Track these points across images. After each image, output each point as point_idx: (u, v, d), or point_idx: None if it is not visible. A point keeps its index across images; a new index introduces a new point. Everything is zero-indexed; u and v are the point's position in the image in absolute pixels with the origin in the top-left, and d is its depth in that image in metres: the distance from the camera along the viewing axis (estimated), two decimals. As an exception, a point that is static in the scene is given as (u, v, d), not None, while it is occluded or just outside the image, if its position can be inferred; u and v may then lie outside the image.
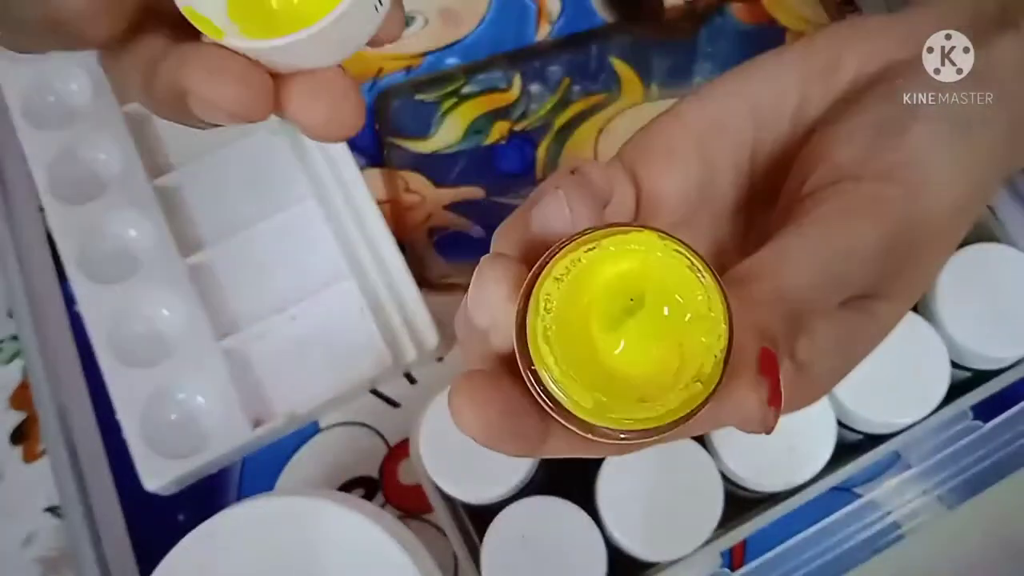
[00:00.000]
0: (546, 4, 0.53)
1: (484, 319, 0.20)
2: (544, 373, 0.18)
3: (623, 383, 0.18)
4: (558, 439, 0.20)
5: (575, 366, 0.18)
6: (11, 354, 0.49)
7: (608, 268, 0.19)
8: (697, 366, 0.18)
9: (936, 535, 0.42)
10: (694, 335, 0.18)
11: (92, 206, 0.47)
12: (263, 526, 0.37)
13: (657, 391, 0.18)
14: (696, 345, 0.18)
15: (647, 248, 0.19)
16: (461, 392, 0.19)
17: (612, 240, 0.19)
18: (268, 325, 0.44)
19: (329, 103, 0.25)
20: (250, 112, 0.23)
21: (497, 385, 0.19)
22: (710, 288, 0.18)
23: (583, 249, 0.19)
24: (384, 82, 0.51)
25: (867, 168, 0.23)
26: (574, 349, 0.18)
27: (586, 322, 0.19)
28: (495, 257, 0.20)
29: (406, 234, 0.47)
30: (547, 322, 0.18)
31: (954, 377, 0.38)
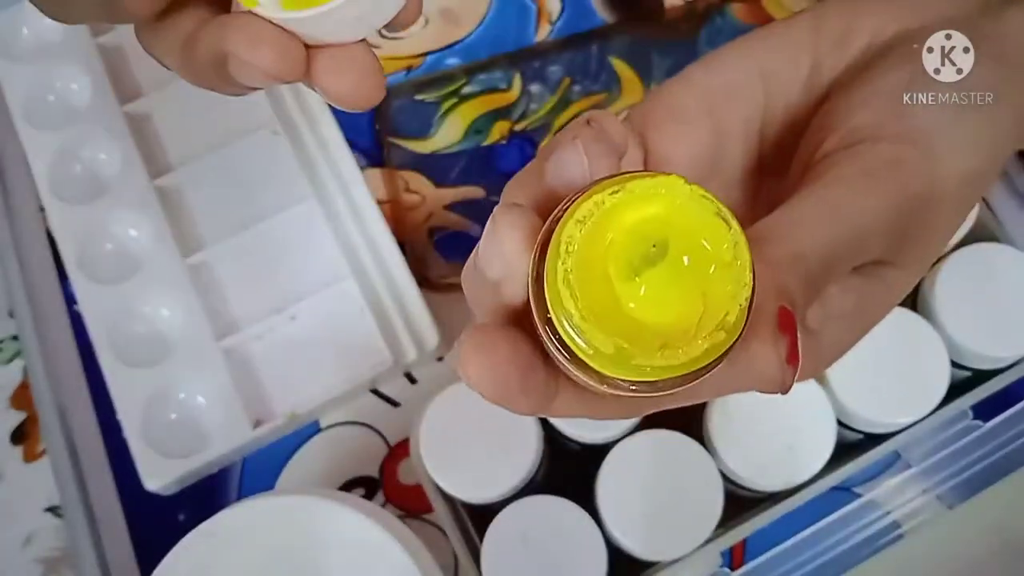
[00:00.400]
0: (546, 4, 0.53)
1: (497, 269, 0.20)
2: (562, 319, 0.18)
3: (644, 330, 0.18)
4: (567, 396, 0.20)
5: (595, 312, 0.18)
6: (12, 354, 0.49)
7: (632, 212, 0.18)
8: (721, 315, 0.18)
9: (936, 535, 0.42)
10: (719, 283, 0.18)
11: (93, 206, 0.47)
12: (263, 526, 0.37)
13: (679, 339, 0.18)
14: (721, 293, 0.18)
15: (673, 193, 0.18)
16: (470, 343, 0.19)
17: (637, 184, 0.18)
18: (268, 325, 0.44)
19: (353, 75, 0.27)
20: (285, 74, 0.26)
21: (507, 336, 0.19)
22: (736, 236, 0.18)
23: (607, 192, 0.18)
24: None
25: (884, 131, 0.23)
26: (594, 294, 0.18)
27: (608, 267, 0.18)
28: (509, 206, 0.20)
29: (406, 234, 0.47)
30: (568, 265, 0.18)
31: (954, 377, 0.38)
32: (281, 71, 0.26)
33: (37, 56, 0.50)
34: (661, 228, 0.18)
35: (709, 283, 0.18)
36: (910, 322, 0.38)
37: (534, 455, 0.36)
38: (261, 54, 0.25)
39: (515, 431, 0.37)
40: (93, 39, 0.50)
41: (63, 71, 0.50)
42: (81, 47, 0.50)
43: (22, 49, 0.51)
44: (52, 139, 0.48)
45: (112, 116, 0.48)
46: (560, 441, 0.38)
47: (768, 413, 0.37)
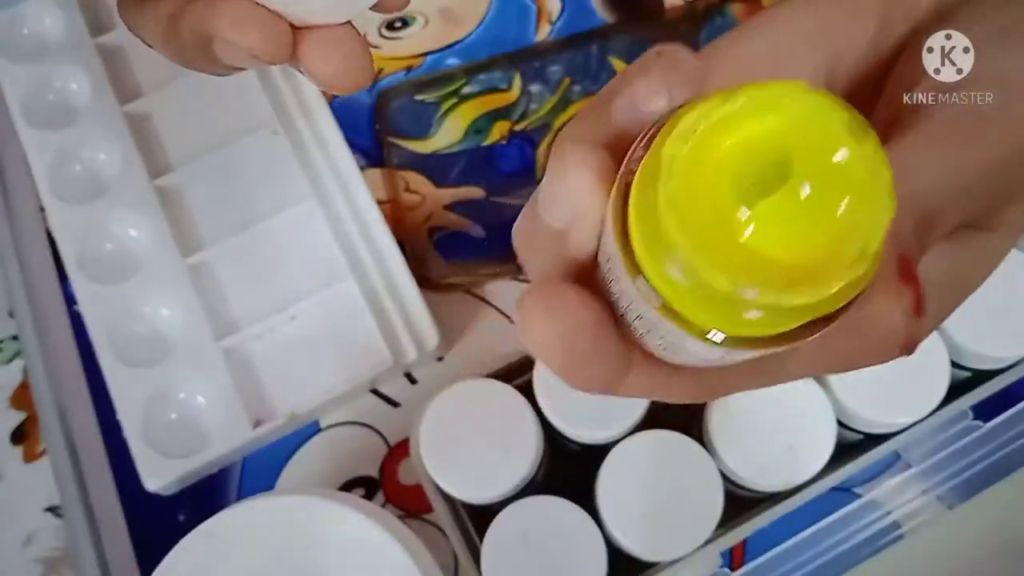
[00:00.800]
0: (546, 4, 0.53)
1: (564, 213, 0.17)
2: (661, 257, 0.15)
3: (765, 267, 0.14)
4: (642, 372, 0.18)
5: (705, 246, 0.14)
6: (12, 354, 0.49)
7: (748, 125, 0.15)
8: (859, 245, 0.14)
9: (936, 535, 0.42)
10: (854, 207, 0.15)
11: (93, 206, 0.47)
12: (263, 526, 0.37)
13: (809, 274, 0.14)
14: (857, 219, 0.15)
15: (796, 102, 0.15)
16: (536, 300, 0.16)
17: (752, 92, 0.15)
18: (268, 325, 0.44)
19: (340, 58, 0.26)
20: (271, 56, 0.25)
21: (579, 295, 0.16)
22: (873, 149, 0.15)
23: (715, 102, 0.15)
24: (384, 82, 0.51)
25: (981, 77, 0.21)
26: (703, 226, 0.14)
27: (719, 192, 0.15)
28: (576, 142, 0.17)
29: (406, 234, 0.47)
30: (671, 188, 0.14)
31: (954, 377, 0.38)
32: (267, 52, 0.26)
33: (37, 56, 0.50)
34: (783, 143, 0.15)
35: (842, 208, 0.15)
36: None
37: (534, 455, 0.36)
38: (247, 35, 0.25)
39: (515, 431, 0.37)
40: (93, 39, 0.50)
41: (63, 71, 0.50)
42: (81, 47, 0.50)
43: (22, 49, 0.51)
44: (52, 139, 0.48)
45: (112, 116, 0.48)
46: (560, 441, 0.38)
47: (768, 413, 0.37)
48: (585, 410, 0.37)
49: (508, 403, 0.37)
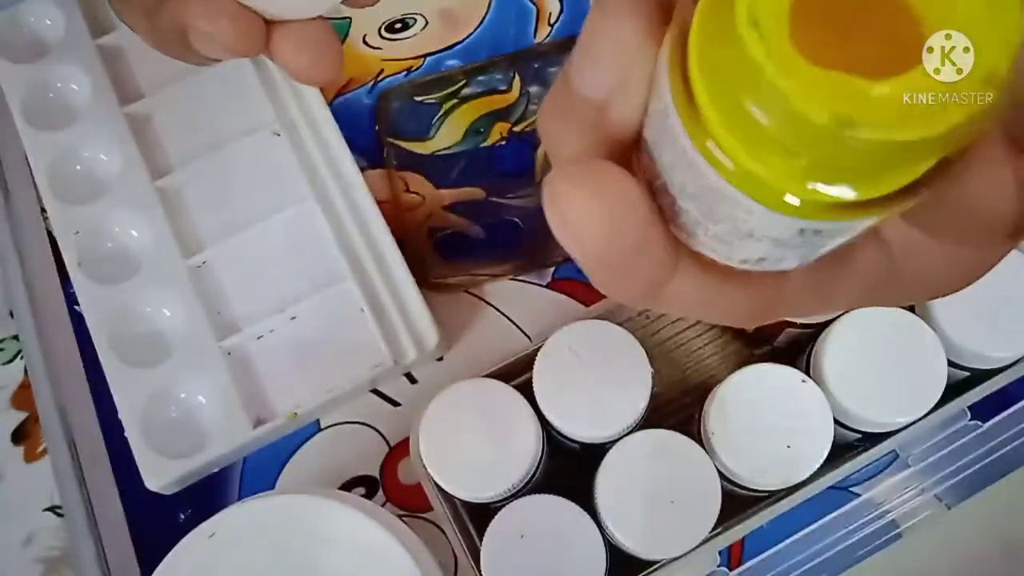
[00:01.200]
0: (546, 5, 0.53)
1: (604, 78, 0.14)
2: (739, 100, 0.12)
3: (873, 93, 0.12)
4: (686, 280, 0.15)
5: (798, 71, 0.11)
6: (12, 354, 0.49)
7: None
8: (988, 61, 0.12)
9: (934, 534, 0.42)
10: (975, 14, 0.12)
11: (93, 206, 0.47)
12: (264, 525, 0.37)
13: (922, 106, 0.12)
14: (981, 28, 0.12)
15: None
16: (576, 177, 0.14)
17: None
18: (269, 325, 0.44)
19: (312, 51, 0.28)
20: (243, 47, 0.27)
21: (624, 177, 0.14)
22: None
23: None
24: (384, 83, 0.52)
25: None
26: (794, 51, 0.12)
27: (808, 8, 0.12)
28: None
29: (406, 234, 0.48)
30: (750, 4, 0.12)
31: (951, 376, 0.38)
32: (239, 44, 0.27)
33: (37, 56, 0.50)
34: None
35: (959, 17, 0.12)
36: (907, 322, 0.38)
37: (533, 454, 0.37)
38: (221, 27, 0.26)
39: (515, 431, 0.37)
40: (93, 40, 0.50)
41: (63, 71, 0.50)
42: (82, 47, 0.50)
43: (22, 49, 0.51)
44: (53, 139, 0.48)
45: (113, 117, 0.48)
46: (559, 440, 0.39)
47: (766, 412, 0.37)
48: (584, 409, 0.37)
49: (507, 402, 0.37)
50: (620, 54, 0.14)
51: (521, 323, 0.46)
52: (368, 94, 0.51)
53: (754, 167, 0.12)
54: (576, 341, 0.38)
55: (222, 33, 0.27)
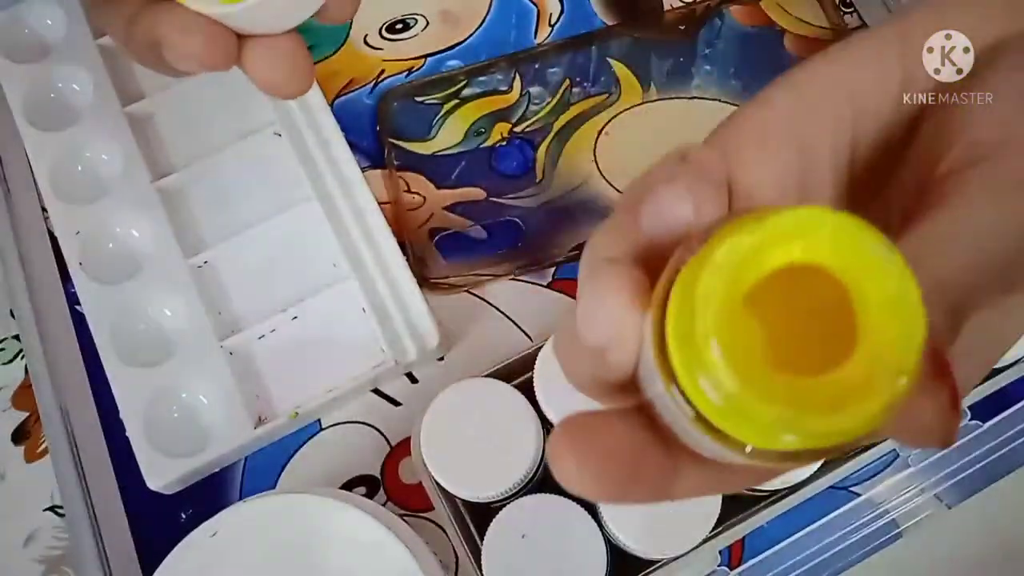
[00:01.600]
0: (546, 6, 0.53)
1: (601, 334, 0.17)
2: (705, 386, 0.15)
3: (809, 389, 0.15)
4: (692, 477, 0.18)
5: (749, 373, 0.15)
6: (13, 354, 0.49)
7: (778, 254, 0.15)
8: (898, 359, 0.15)
9: (934, 534, 0.42)
10: (889, 323, 0.15)
11: (95, 206, 0.47)
12: (265, 524, 0.37)
13: (853, 394, 0.15)
14: (892, 334, 0.15)
15: (821, 227, 0.15)
16: (563, 436, 0.17)
17: (777, 220, 0.15)
18: (270, 325, 0.44)
19: (283, 66, 0.29)
20: (214, 62, 0.28)
21: (608, 423, 0.17)
22: (900, 267, 0.15)
23: (743, 233, 0.15)
24: (385, 84, 0.52)
25: (1012, 143, 0.21)
26: (743, 353, 0.15)
27: (752, 320, 0.15)
28: (607, 260, 0.17)
29: (407, 235, 0.48)
30: (709, 322, 0.15)
31: (952, 376, 0.38)
32: (212, 59, 0.28)
33: (38, 56, 0.50)
34: (814, 269, 0.15)
35: (876, 325, 0.15)
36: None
37: (534, 454, 0.37)
38: (193, 42, 0.27)
39: (515, 430, 0.37)
40: (95, 40, 0.50)
41: (64, 71, 0.50)
42: (83, 47, 0.50)
43: (23, 49, 0.51)
44: (54, 140, 0.48)
45: (114, 117, 0.48)
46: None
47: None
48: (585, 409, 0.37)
49: (508, 402, 0.38)
50: (612, 319, 0.17)
51: (522, 323, 0.46)
52: (369, 95, 0.51)
53: (714, 423, 0.15)
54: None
55: (194, 47, 0.27)
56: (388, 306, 0.45)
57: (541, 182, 0.49)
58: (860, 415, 0.15)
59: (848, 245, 0.15)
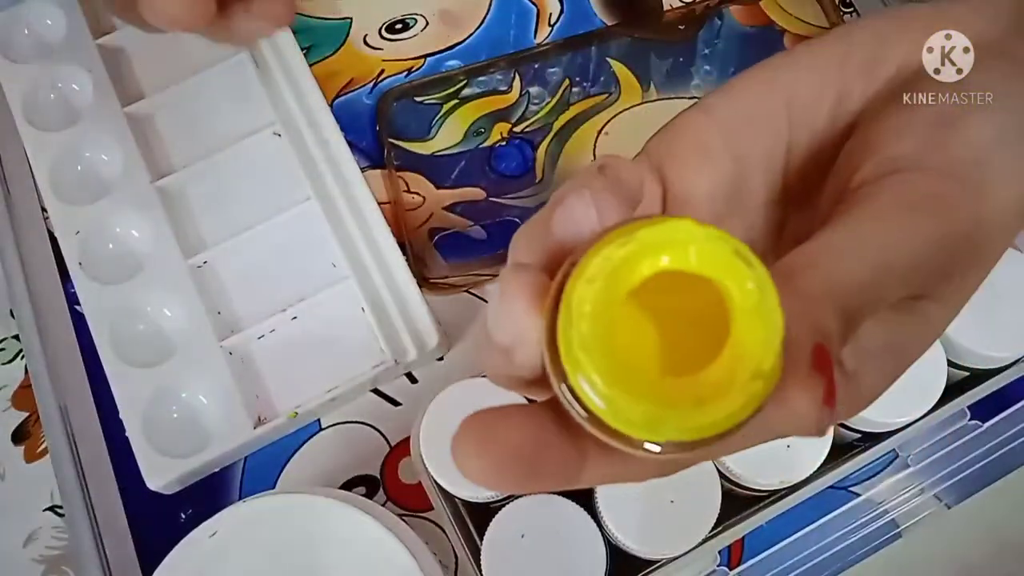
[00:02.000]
0: (546, 6, 0.53)
1: (506, 336, 0.19)
2: (584, 386, 0.16)
3: (674, 390, 0.17)
4: (598, 465, 0.19)
5: (619, 375, 0.16)
6: (13, 353, 0.49)
7: (646, 264, 0.17)
8: (755, 363, 0.16)
9: (934, 534, 0.42)
10: (749, 330, 0.17)
11: (94, 206, 0.47)
12: (265, 524, 0.37)
13: (713, 394, 0.16)
14: (752, 340, 0.17)
15: (686, 238, 0.17)
16: (462, 436, 0.18)
17: (647, 232, 0.17)
18: (270, 325, 0.44)
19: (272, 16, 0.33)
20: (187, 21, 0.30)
21: (507, 421, 0.18)
22: (761, 276, 0.17)
23: (616, 245, 0.17)
24: (385, 84, 0.52)
25: (925, 162, 0.22)
26: (615, 356, 0.16)
27: (626, 326, 0.17)
28: (514, 268, 0.19)
29: (407, 234, 0.48)
30: (583, 329, 0.16)
31: (951, 376, 0.38)
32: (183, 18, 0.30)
33: (38, 56, 0.50)
34: (678, 277, 0.17)
35: (738, 330, 0.17)
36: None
37: (534, 454, 0.37)
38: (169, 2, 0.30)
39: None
40: (94, 40, 0.50)
41: (64, 71, 0.50)
42: (83, 48, 0.50)
43: (23, 49, 0.51)
44: (54, 140, 0.48)
45: (114, 117, 0.48)
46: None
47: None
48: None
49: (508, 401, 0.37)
50: (514, 323, 0.18)
51: (521, 323, 0.46)
52: (369, 95, 0.51)
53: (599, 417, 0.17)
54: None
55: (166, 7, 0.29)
56: (388, 306, 0.45)
57: (541, 182, 0.49)
58: (722, 412, 0.16)
59: (713, 256, 0.17)
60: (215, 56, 0.49)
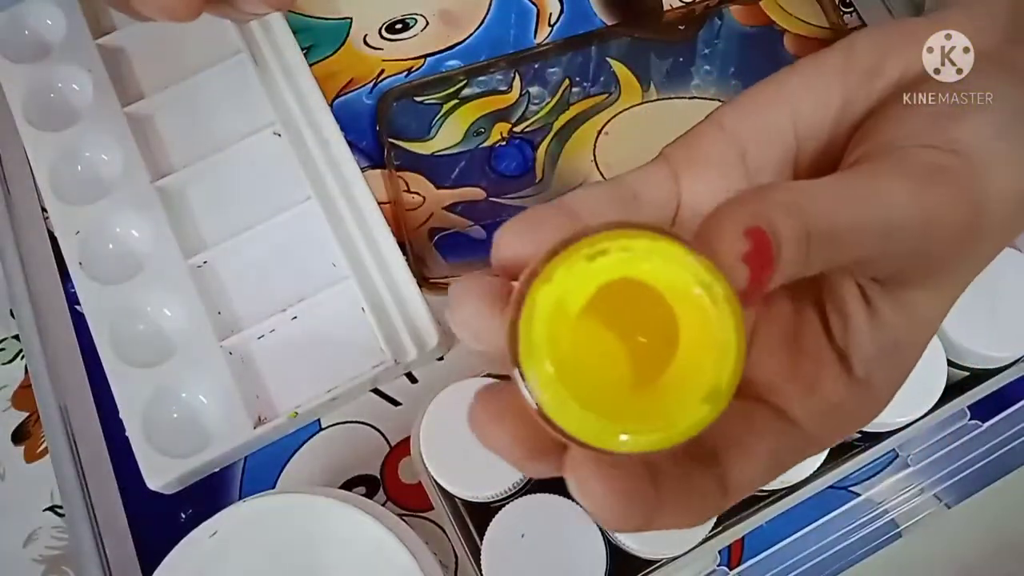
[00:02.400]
0: (546, 6, 0.53)
1: (463, 331, 0.20)
2: (533, 381, 0.17)
3: (630, 403, 0.17)
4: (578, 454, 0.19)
5: (569, 377, 0.17)
6: (13, 353, 0.49)
7: (607, 272, 0.17)
8: (706, 383, 0.16)
9: (934, 534, 0.42)
10: (700, 347, 0.16)
11: (95, 206, 0.47)
12: (265, 524, 0.37)
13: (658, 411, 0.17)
14: (708, 355, 0.16)
15: (649, 249, 0.17)
16: (477, 405, 0.20)
17: (608, 243, 0.17)
18: (270, 324, 0.44)
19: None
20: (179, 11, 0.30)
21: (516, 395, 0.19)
22: (721, 288, 0.16)
23: (582, 253, 0.17)
24: (385, 84, 0.52)
25: (926, 140, 0.22)
26: (569, 360, 0.17)
27: (584, 330, 0.17)
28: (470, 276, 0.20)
29: (407, 234, 0.48)
30: (540, 333, 0.17)
31: (951, 376, 0.38)
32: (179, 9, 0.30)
33: (38, 56, 0.50)
34: (641, 289, 0.17)
35: (688, 348, 0.17)
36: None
37: (534, 454, 0.37)
38: None
39: (515, 430, 0.37)
40: (94, 40, 0.50)
41: (64, 71, 0.50)
42: (82, 48, 0.50)
43: (23, 49, 0.51)
44: (54, 140, 0.48)
45: (114, 117, 0.48)
46: (560, 440, 0.39)
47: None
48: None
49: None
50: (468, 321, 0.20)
51: (521, 323, 0.46)
52: (369, 94, 0.51)
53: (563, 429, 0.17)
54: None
55: None
56: (388, 306, 0.45)
57: (541, 182, 0.49)
58: (674, 428, 0.16)
59: (672, 271, 0.16)
60: (215, 56, 0.49)
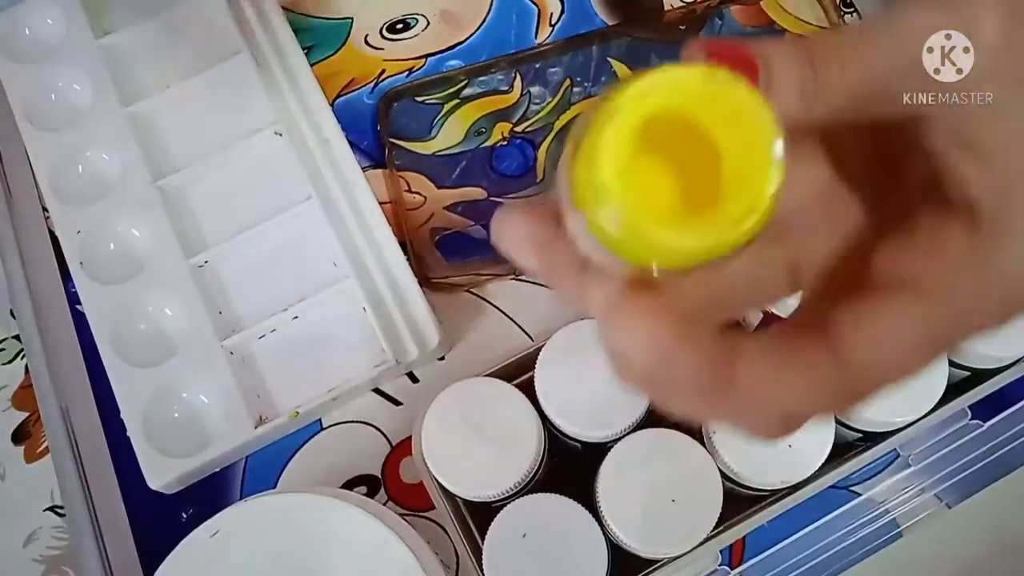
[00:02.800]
0: (547, 6, 0.53)
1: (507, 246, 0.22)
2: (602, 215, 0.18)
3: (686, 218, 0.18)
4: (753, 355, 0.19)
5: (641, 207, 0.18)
6: (14, 353, 0.49)
7: (657, 103, 0.18)
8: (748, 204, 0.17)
9: (935, 533, 0.42)
10: (744, 168, 0.18)
11: (95, 206, 0.47)
12: (266, 524, 0.37)
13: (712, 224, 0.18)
14: (750, 179, 0.18)
15: (700, 80, 0.18)
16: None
17: (658, 76, 0.18)
18: (271, 324, 0.45)
19: None
20: None
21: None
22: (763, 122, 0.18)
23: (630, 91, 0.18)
24: (386, 84, 0.52)
25: None
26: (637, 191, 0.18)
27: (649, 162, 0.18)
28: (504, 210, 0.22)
29: (408, 234, 0.48)
30: (607, 164, 0.18)
31: (952, 376, 0.38)
32: None
33: (39, 57, 0.50)
34: (689, 117, 0.18)
35: (734, 168, 0.18)
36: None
37: (535, 453, 0.37)
38: None
39: (516, 430, 0.37)
40: (95, 40, 0.50)
41: (65, 72, 0.50)
42: (83, 48, 0.50)
43: (24, 49, 0.51)
44: (54, 140, 0.48)
45: (115, 117, 0.48)
46: (561, 439, 0.39)
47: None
48: (586, 408, 0.37)
49: (509, 402, 0.38)
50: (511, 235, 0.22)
51: (522, 322, 0.46)
52: (370, 94, 0.51)
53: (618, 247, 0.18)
54: (577, 340, 0.38)
55: None
56: (388, 306, 0.45)
57: (542, 181, 0.49)
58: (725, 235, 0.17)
59: (723, 97, 0.18)
60: (215, 56, 0.49)
